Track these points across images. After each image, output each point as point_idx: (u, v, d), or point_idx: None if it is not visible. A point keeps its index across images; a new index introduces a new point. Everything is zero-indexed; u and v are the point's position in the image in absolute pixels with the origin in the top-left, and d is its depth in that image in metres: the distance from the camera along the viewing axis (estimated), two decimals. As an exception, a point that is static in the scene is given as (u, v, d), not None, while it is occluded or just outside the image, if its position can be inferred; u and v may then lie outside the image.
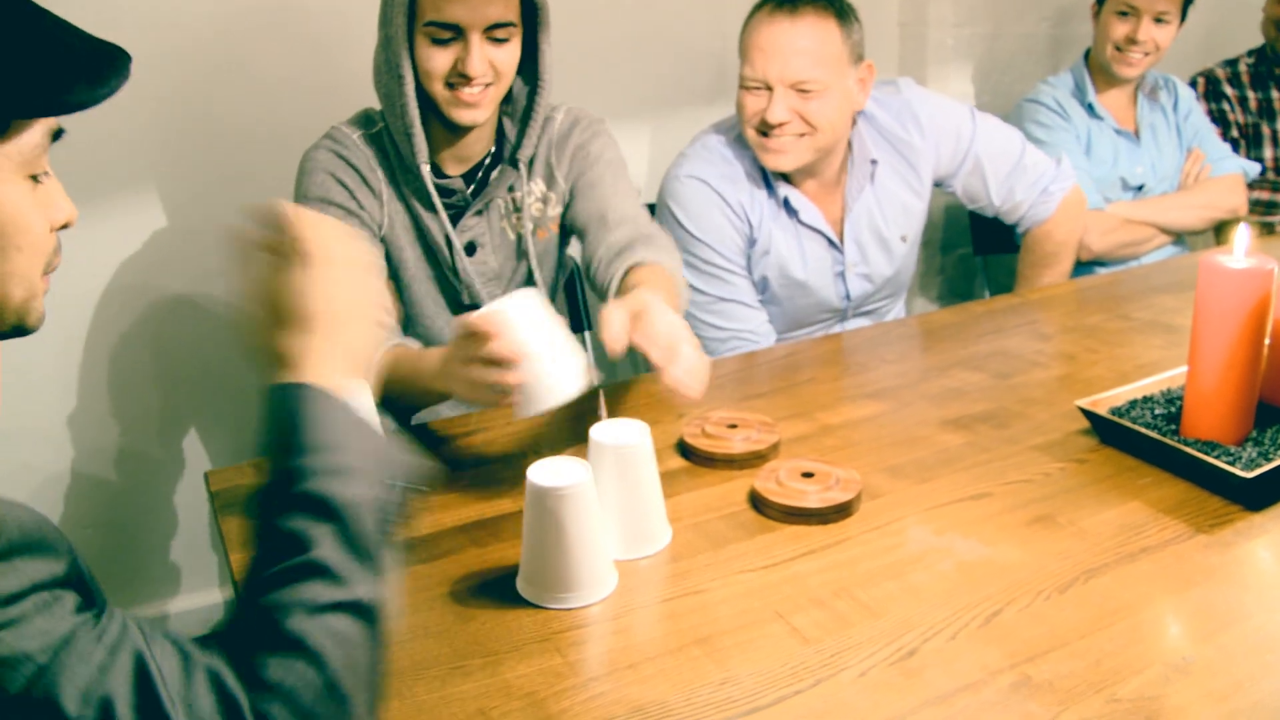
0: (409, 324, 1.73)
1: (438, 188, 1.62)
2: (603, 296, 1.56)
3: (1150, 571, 1.10)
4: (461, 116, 1.55)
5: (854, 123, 1.90)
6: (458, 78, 1.51)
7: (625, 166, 1.74)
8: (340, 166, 1.60)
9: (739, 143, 1.90)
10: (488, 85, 1.53)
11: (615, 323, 1.24)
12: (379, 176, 1.62)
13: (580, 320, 2.19)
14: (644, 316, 1.25)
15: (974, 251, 2.49)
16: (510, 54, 1.55)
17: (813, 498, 1.22)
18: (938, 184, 2.04)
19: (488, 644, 1.04)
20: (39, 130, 0.81)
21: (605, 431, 1.18)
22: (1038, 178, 2.03)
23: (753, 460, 1.33)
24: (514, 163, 1.65)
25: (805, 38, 1.76)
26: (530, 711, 0.95)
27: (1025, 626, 1.02)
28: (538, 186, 1.70)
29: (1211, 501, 1.22)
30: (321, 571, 0.77)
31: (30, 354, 1.98)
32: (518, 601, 1.10)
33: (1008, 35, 2.68)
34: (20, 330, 0.85)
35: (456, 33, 1.50)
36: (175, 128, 2.01)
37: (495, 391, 1.21)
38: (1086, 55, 2.37)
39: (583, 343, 2.18)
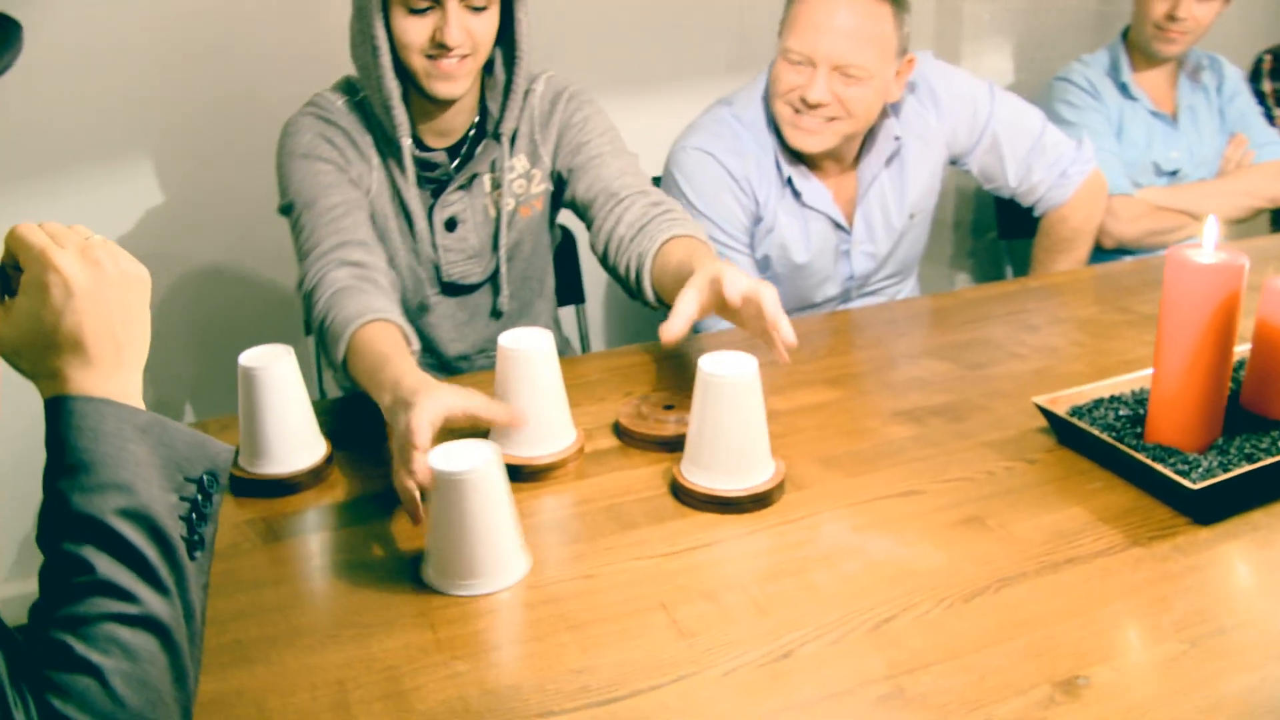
0: None
1: (420, 161, 1.59)
2: (625, 274, 1.52)
3: (1070, 584, 1.02)
4: (439, 89, 1.51)
5: (884, 111, 1.83)
6: (436, 49, 1.47)
7: (616, 130, 1.68)
8: (328, 128, 1.57)
9: (753, 116, 1.83)
10: (465, 56, 1.49)
11: (688, 300, 1.23)
12: (367, 141, 1.59)
13: (578, 293, 2.15)
14: (720, 281, 1.22)
15: (999, 235, 2.38)
16: (488, 23, 1.50)
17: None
18: (953, 162, 1.96)
19: (365, 616, 1.02)
20: None
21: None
22: (1057, 159, 1.93)
23: (683, 444, 1.28)
24: (497, 137, 1.61)
25: (860, 19, 1.67)
26: (384, 685, 0.92)
27: (916, 635, 0.96)
28: (520, 163, 1.66)
29: (1160, 512, 1.13)
30: (104, 588, 0.74)
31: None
32: (407, 576, 1.07)
33: (1050, 10, 2.56)
34: None
35: (433, 1, 1.46)
36: (180, 100, 2.02)
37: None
38: (1125, 33, 2.24)
39: (580, 317, 2.15)
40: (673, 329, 1.21)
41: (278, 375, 1.22)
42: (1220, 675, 0.90)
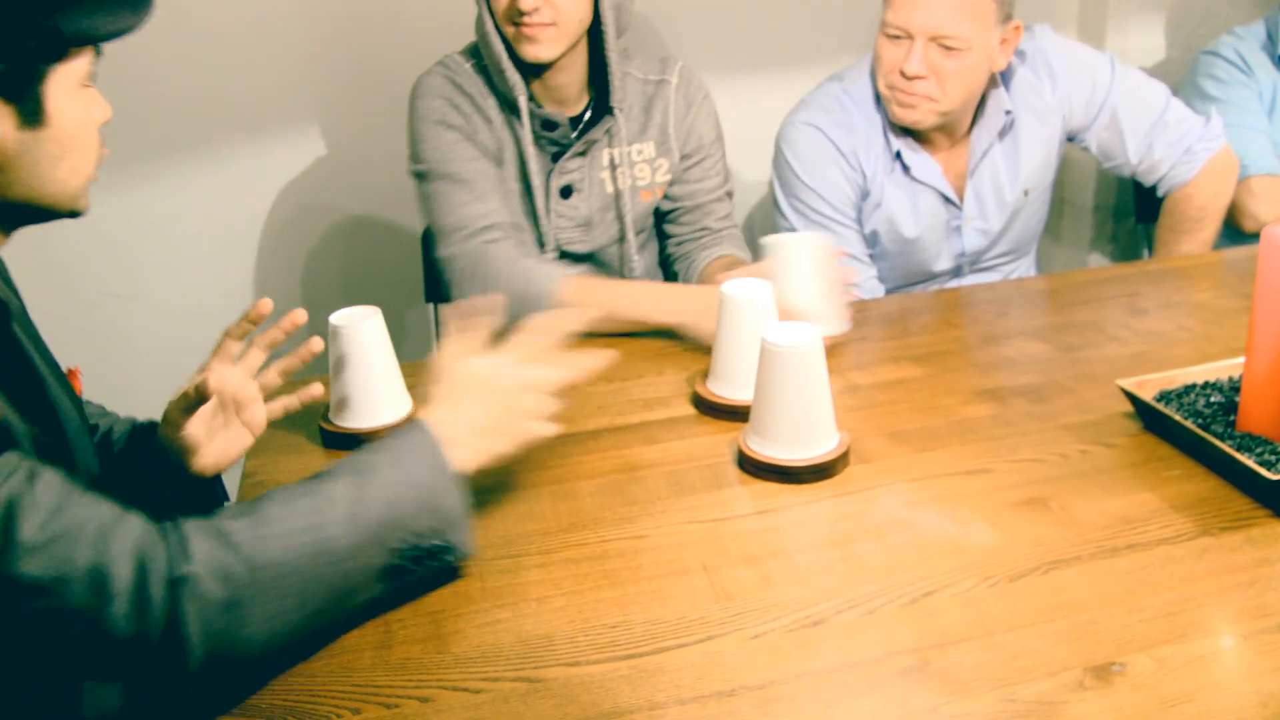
0: None
1: (541, 121, 1.64)
2: (677, 272, 1.80)
3: (1124, 570, 0.99)
4: (525, 51, 1.56)
5: (994, 81, 1.78)
6: (516, 14, 1.52)
7: (724, 145, 1.82)
8: (455, 92, 1.64)
9: (862, 92, 1.82)
10: (548, 24, 1.53)
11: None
12: (491, 104, 1.65)
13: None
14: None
15: (1137, 219, 2.28)
16: None
17: None
18: (1071, 139, 1.89)
19: (424, 564, 1.07)
20: (90, 50, 0.96)
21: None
22: (1181, 135, 1.84)
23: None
24: (611, 110, 1.65)
25: None
26: (427, 628, 0.97)
27: (953, 612, 0.95)
28: (648, 149, 1.72)
29: (1238, 503, 1.08)
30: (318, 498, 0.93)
31: (221, 259, 2.21)
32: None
33: (1207, -19, 2.42)
34: (73, 214, 1.00)
35: None
36: (338, 63, 2.13)
37: None
38: (1284, 2, 2.11)
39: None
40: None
41: (364, 334, 1.28)
42: (1269, 673, 0.86)
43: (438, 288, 2.04)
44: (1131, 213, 2.47)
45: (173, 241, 2.16)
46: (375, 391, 1.30)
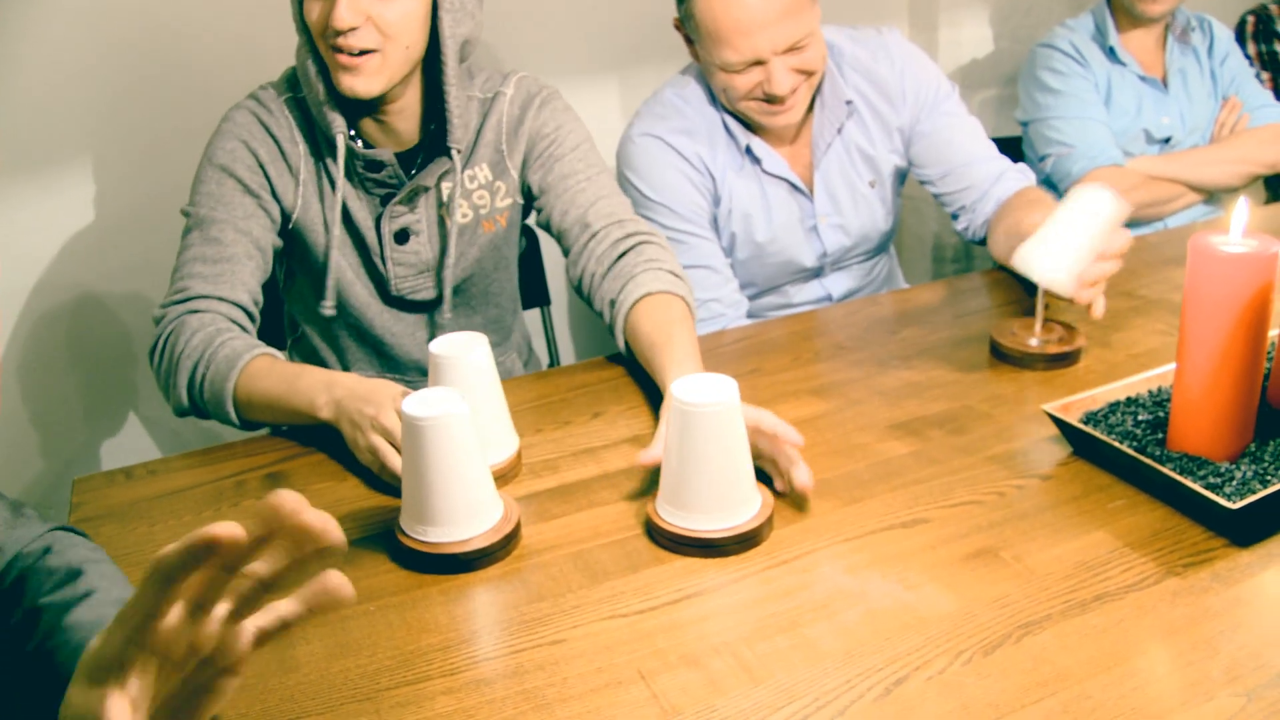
0: (339, 313, 1.55)
1: (366, 161, 1.44)
2: (600, 315, 1.45)
3: (1101, 627, 0.90)
4: (343, 83, 1.35)
5: (830, 72, 1.70)
6: (331, 33, 1.31)
7: (592, 141, 1.57)
8: (258, 135, 1.44)
9: (695, 94, 1.72)
10: (370, 51, 1.33)
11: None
12: (299, 150, 1.44)
13: (543, 294, 2.02)
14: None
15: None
16: (401, 10, 1.33)
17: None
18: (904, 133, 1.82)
19: (302, 702, 0.88)
20: None
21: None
22: (1001, 167, 1.73)
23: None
24: (447, 152, 1.45)
25: None
26: (321, 798, 0.79)
27: (932, 700, 0.84)
28: (482, 173, 1.52)
29: (1192, 532, 1.01)
30: None
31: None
32: (350, 650, 0.94)
33: (1029, -28, 2.43)
34: None
35: None
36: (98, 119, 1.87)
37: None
38: (1110, -7, 2.12)
39: (545, 319, 2.01)
40: (653, 454, 1.09)
41: (451, 424, 1.00)
42: (1286, 736, 0.78)
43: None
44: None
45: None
46: (470, 492, 1.04)
